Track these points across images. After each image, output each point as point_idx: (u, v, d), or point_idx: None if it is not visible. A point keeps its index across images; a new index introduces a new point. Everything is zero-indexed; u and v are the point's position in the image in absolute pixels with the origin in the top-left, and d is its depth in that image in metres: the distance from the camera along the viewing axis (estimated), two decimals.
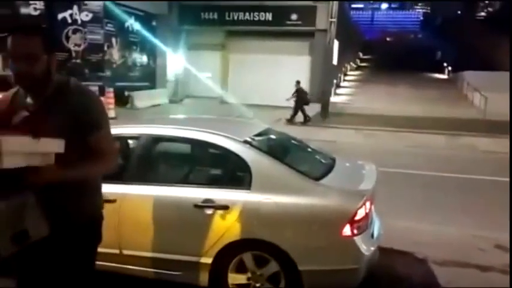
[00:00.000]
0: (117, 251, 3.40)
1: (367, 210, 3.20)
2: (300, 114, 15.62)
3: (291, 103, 15.75)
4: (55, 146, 1.84)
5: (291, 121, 15.22)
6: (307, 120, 15.55)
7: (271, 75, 18.38)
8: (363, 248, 3.12)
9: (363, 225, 3.16)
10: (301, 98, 15.72)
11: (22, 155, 1.71)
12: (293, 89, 15.93)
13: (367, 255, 3.15)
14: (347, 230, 3.05)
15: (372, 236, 3.43)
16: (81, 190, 2.04)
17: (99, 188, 2.22)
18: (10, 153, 1.64)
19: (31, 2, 17.39)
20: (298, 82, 16.02)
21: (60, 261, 2.02)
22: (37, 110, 1.97)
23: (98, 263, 2.17)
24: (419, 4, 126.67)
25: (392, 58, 41.16)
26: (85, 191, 2.08)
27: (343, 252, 3.12)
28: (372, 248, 3.26)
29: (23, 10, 17.19)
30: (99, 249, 2.18)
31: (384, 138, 13.04)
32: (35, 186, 1.80)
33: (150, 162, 3.69)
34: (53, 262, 2.02)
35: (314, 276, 3.11)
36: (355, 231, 3.08)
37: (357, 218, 3.09)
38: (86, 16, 17.80)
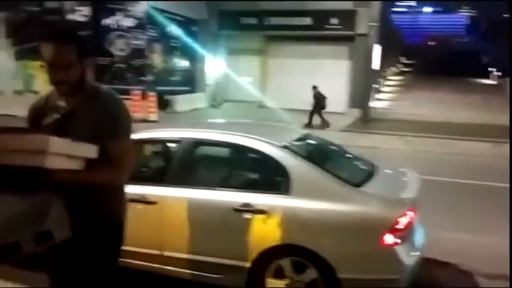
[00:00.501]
0: (157, 252, 3.46)
1: (410, 219, 3.11)
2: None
3: (333, 108, 15.66)
4: (90, 151, 1.87)
5: (309, 125, 15.13)
6: (325, 124, 15.40)
7: (310, 79, 18.23)
8: (405, 257, 3.04)
9: (404, 234, 3.08)
10: (318, 102, 15.66)
11: (64, 157, 1.73)
12: (330, 94, 15.79)
13: (408, 265, 3.07)
14: (388, 239, 2.98)
15: (415, 245, 3.34)
16: (103, 192, 2.05)
17: (123, 191, 2.22)
18: (55, 154, 1.66)
19: (78, 8, 18.12)
20: (314, 87, 15.95)
21: (84, 260, 2.05)
22: (67, 114, 2.02)
23: (138, 263, 2.21)
24: (464, 7, 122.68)
25: (435, 63, 40.05)
26: (107, 194, 2.08)
27: (383, 261, 3.05)
28: (414, 258, 3.17)
29: (70, 17, 17.93)
30: (140, 250, 2.20)
31: (426, 144, 12.66)
32: (55, 186, 1.81)
33: (190, 165, 3.75)
34: (78, 261, 2.05)
35: (353, 284, 3.06)
36: (397, 240, 3.01)
37: (399, 226, 3.01)
38: (130, 22, 18.35)
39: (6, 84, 19.76)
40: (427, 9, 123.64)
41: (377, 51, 18.75)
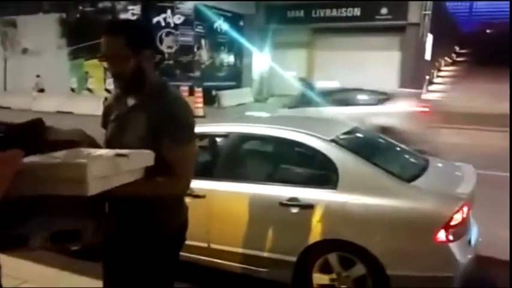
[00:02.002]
0: (205, 245, 3.52)
1: (464, 215, 2.97)
2: None
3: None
4: (144, 160, 1.71)
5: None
6: None
7: (359, 72, 17.86)
8: (459, 255, 2.92)
9: (459, 231, 2.95)
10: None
11: (109, 177, 1.54)
12: (382, 87, 15.38)
13: (463, 263, 2.94)
14: (441, 236, 2.87)
15: (470, 243, 3.19)
16: (163, 203, 1.87)
17: (183, 201, 2.05)
18: (96, 178, 1.46)
19: (129, 8, 18.71)
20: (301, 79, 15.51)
21: (144, 261, 1.91)
22: (127, 112, 1.90)
23: (186, 254, 2.24)
24: None
25: (493, 52, 37.93)
26: (167, 204, 1.91)
27: (436, 258, 2.94)
28: (469, 256, 3.04)
29: (123, 15, 18.56)
30: (189, 242, 2.17)
31: (482, 137, 12.07)
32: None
33: (238, 159, 3.78)
34: (138, 260, 1.91)
35: (404, 281, 2.96)
36: (451, 237, 2.89)
37: (453, 223, 2.89)
38: (178, 19, 18.75)
39: (64, 82, 20.75)
40: None
41: (430, 41, 18.04)
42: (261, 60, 22.59)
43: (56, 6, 21.49)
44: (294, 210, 3.19)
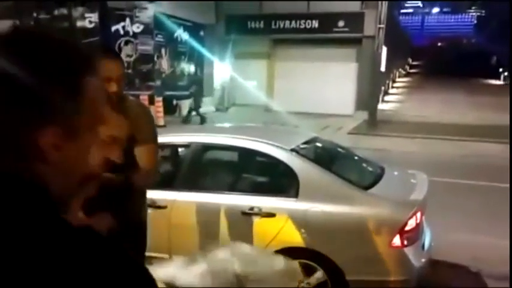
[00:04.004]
0: (167, 256, 3.49)
1: (418, 221, 3.11)
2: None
3: (341, 110, 15.60)
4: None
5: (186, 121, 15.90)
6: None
7: (317, 83, 18.27)
8: (413, 259, 3.05)
9: (413, 236, 3.08)
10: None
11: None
12: (338, 97, 15.78)
13: (417, 266, 3.07)
14: (397, 241, 2.99)
15: (423, 247, 3.34)
16: (126, 196, 2.14)
17: (145, 193, 2.38)
18: None
19: (86, 15, 18.32)
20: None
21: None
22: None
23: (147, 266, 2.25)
24: (473, 7, 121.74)
25: (444, 64, 39.78)
26: (135, 196, 2.22)
27: (392, 263, 3.06)
28: (423, 260, 3.18)
29: (80, 23, 18.13)
30: (150, 254, 2.25)
31: (436, 146, 12.59)
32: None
33: (199, 169, 3.78)
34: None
35: (362, 286, 3.06)
36: (405, 242, 3.01)
37: (407, 228, 3.02)
38: (137, 28, 18.49)
39: None
40: (435, 9, 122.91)
41: (384, 53, 18.71)
42: (222, 70, 22.64)
43: (9, 13, 20.71)
44: (256, 219, 3.23)
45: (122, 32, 18.43)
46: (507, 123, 16.65)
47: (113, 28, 18.31)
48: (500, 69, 33.48)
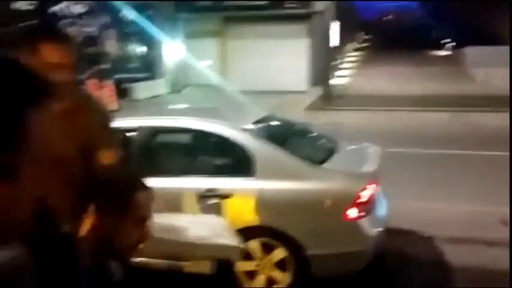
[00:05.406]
0: None
1: (372, 192, 3.18)
2: None
3: (295, 87, 15.62)
4: None
5: None
6: None
7: (271, 60, 18.24)
8: (369, 230, 3.12)
9: (367, 207, 3.15)
10: None
11: None
12: (291, 73, 15.83)
13: (373, 237, 3.15)
14: (352, 213, 3.05)
15: (378, 217, 3.42)
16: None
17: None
18: None
19: None
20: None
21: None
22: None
23: None
24: None
25: (391, 37, 40.73)
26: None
27: (349, 235, 3.12)
28: (379, 230, 3.26)
29: (17, 5, 17.06)
30: None
31: (386, 118, 12.96)
32: None
33: (151, 154, 3.67)
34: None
35: (321, 260, 3.11)
36: (360, 214, 3.07)
37: (361, 200, 3.07)
38: (80, 8, 17.66)
39: None
40: None
41: (335, 28, 18.88)
42: (174, 50, 22.09)
43: None
44: (213, 200, 3.19)
45: (64, 12, 17.54)
46: (452, 92, 17.40)
47: (53, 9, 17.39)
48: (445, 40, 34.67)
